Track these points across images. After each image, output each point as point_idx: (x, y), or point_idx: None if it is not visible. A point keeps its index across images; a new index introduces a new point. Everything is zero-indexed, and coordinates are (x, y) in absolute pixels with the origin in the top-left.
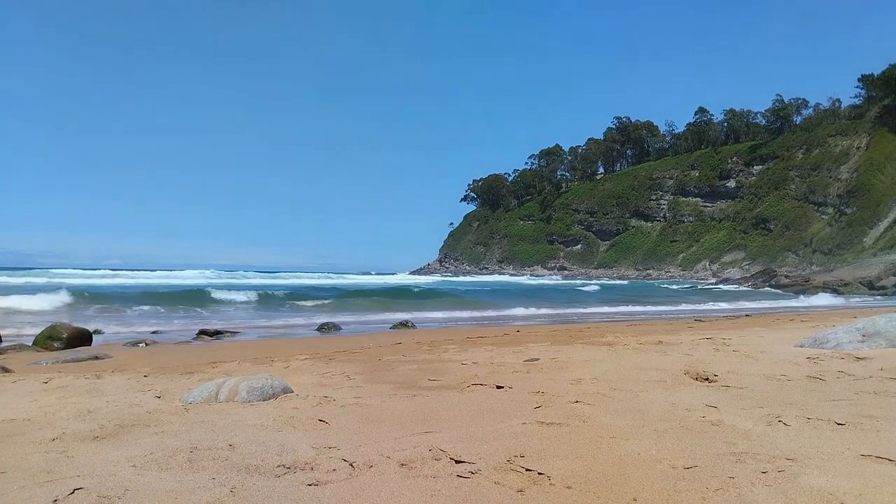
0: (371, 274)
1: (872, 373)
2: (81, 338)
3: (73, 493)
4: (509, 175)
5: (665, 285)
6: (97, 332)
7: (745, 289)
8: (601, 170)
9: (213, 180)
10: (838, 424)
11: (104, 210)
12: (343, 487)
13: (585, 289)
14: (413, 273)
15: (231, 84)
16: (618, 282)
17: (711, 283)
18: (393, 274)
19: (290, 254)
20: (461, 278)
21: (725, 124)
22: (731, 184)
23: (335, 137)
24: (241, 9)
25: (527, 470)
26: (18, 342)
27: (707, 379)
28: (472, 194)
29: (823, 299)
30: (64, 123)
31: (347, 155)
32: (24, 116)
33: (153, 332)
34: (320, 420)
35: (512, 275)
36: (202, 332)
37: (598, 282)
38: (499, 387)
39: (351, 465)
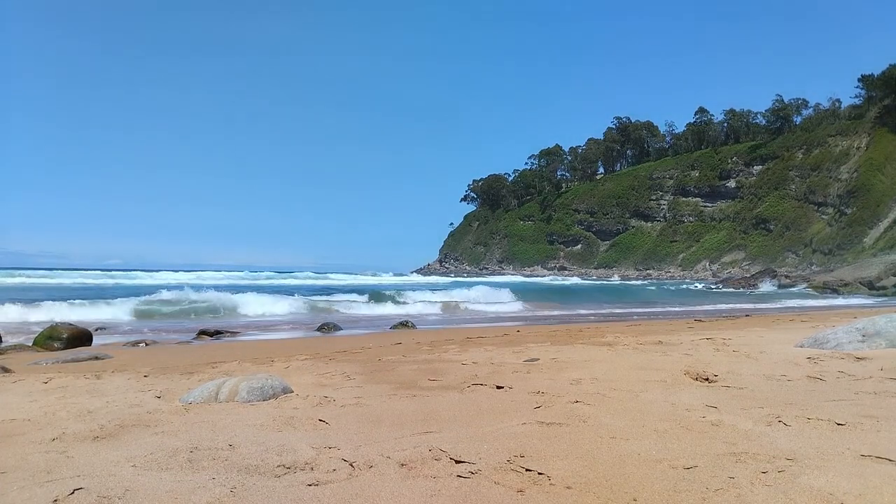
0: (388, 274)
1: (872, 373)
2: (81, 338)
3: (73, 493)
4: (509, 175)
5: (686, 286)
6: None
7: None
8: (601, 170)
9: (214, 181)
10: (838, 424)
11: (104, 210)
12: (343, 487)
13: (649, 288)
14: (415, 273)
15: (233, 84)
16: (627, 282)
17: (711, 283)
18: (402, 275)
19: (290, 254)
20: (473, 279)
21: (725, 124)
22: (731, 184)
23: (335, 138)
24: (243, 9)
25: (527, 470)
26: (19, 342)
27: (707, 379)
28: (472, 194)
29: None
30: (64, 123)
31: (347, 156)
32: (23, 116)
33: (153, 332)
34: (320, 420)
35: (525, 275)
36: (202, 332)
37: (645, 282)
38: (499, 387)
39: (351, 465)
